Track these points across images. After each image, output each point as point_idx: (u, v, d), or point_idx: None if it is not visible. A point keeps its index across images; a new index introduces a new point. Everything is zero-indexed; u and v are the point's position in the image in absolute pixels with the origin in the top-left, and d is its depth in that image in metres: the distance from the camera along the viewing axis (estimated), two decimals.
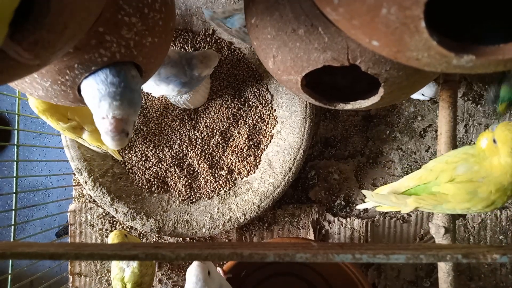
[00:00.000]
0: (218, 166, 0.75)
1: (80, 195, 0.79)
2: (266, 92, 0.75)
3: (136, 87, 0.39)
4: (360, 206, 0.56)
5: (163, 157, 0.75)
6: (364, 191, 0.53)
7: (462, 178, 0.43)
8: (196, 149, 0.75)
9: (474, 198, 0.42)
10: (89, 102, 0.38)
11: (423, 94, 0.71)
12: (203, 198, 0.75)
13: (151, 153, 0.74)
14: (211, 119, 0.75)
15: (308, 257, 0.28)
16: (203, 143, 0.75)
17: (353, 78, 0.56)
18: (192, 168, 0.75)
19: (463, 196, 0.43)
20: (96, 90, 0.37)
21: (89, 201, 0.78)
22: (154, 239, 0.77)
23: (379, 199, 0.50)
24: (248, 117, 0.75)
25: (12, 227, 0.69)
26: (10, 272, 0.67)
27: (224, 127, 0.75)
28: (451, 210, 0.45)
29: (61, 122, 0.59)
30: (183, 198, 0.75)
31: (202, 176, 0.75)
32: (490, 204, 0.42)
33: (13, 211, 0.69)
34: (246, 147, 0.75)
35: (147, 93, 0.75)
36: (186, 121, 0.75)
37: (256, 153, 0.75)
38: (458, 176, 0.43)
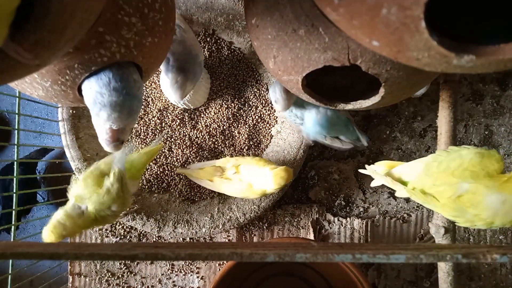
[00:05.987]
0: None
1: None
2: (266, 92, 0.75)
3: (137, 92, 0.39)
4: (367, 169, 0.57)
5: (163, 157, 0.74)
6: (365, 170, 0.54)
7: (462, 196, 0.43)
8: (196, 149, 0.75)
9: (460, 216, 0.44)
10: (89, 104, 0.38)
11: None
12: (203, 198, 0.75)
13: None
14: (211, 119, 0.75)
15: (308, 257, 0.28)
16: (203, 143, 0.75)
17: (353, 78, 0.56)
18: None
19: (450, 211, 0.44)
20: (98, 94, 0.37)
21: None
22: (154, 239, 0.77)
23: (378, 176, 0.52)
24: (248, 117, 0.75)
25: (12, 227, 0.69)
26: (10, 272, 0.67)
27: (224, 127, 0.75)
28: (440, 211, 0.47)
29: None
30: (183, 198, 0.75)
31: None
32: (473, 225, 0.44)
33: (13, 211, 0.69)
34: (246, 147, 0.75)
35: (148, 92, 0.74)
36: (186, 121, 0.75)
37: (256, 153, 0.75)
38: (460, 194, 0.43)
